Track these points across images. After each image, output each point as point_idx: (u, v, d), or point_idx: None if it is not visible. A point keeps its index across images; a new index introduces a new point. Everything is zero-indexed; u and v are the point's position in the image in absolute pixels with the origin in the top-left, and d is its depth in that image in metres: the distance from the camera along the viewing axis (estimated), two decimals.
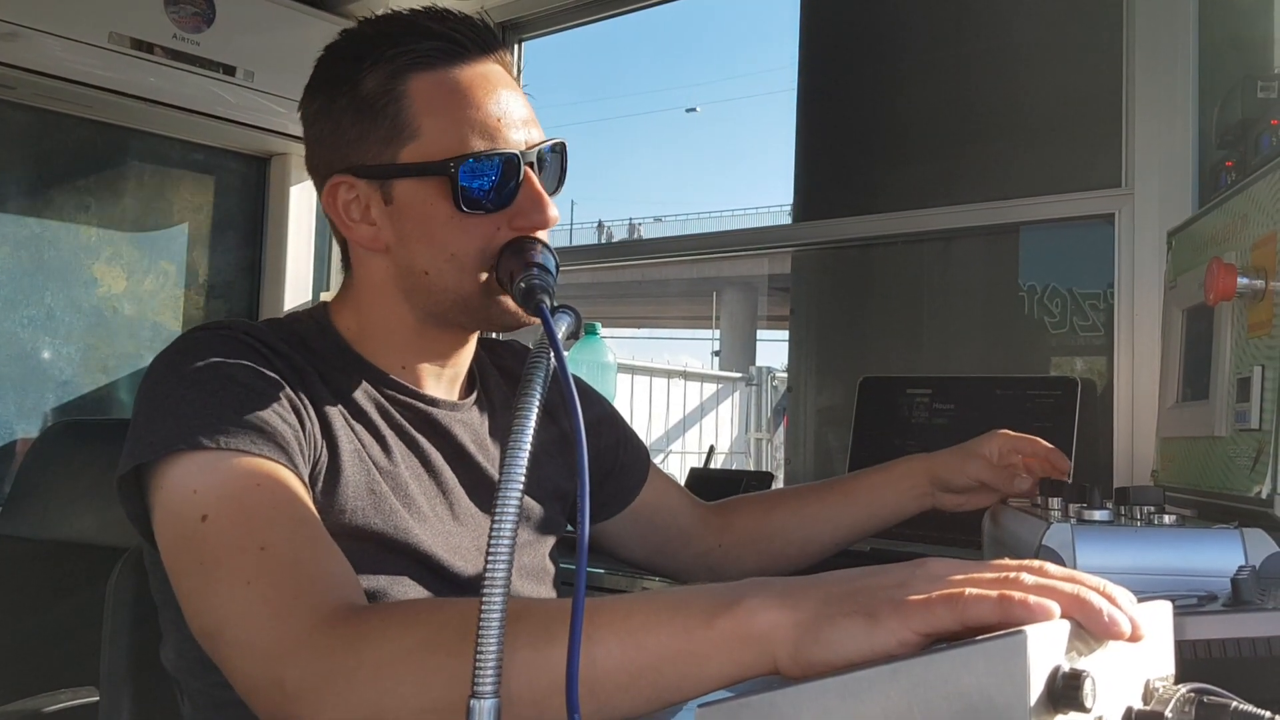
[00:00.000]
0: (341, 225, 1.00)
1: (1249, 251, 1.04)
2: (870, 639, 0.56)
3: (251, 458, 0.84)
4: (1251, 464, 0.97)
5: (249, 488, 0.83)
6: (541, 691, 0.64)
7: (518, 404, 0.62)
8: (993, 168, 1.93)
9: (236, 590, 0.78)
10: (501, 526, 0.57)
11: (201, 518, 0.81)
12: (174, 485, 0.83)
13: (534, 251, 0.93)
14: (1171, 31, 1.59)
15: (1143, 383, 1.57)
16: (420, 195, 0.95)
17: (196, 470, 0.83)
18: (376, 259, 1.00)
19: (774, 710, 0.43)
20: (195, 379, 0.88)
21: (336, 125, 0.97)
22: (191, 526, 0.81)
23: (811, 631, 0.58)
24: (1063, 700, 0.45)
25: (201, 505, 0.82)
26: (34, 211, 2.19)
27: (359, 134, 0.96)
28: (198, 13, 2.08)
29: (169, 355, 0.92)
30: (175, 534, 0.83)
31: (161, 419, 0.86)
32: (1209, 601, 0.75)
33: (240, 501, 0.82)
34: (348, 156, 0.97)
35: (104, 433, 1.98)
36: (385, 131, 0.95)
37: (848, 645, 0.57)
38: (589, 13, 2.33)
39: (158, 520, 0.85)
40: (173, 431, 0.84)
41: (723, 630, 0.62)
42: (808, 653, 0.58)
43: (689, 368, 11.95)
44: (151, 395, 0.89)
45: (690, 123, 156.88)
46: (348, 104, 0.96)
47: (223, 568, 0.79)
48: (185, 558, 0.82)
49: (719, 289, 17.82)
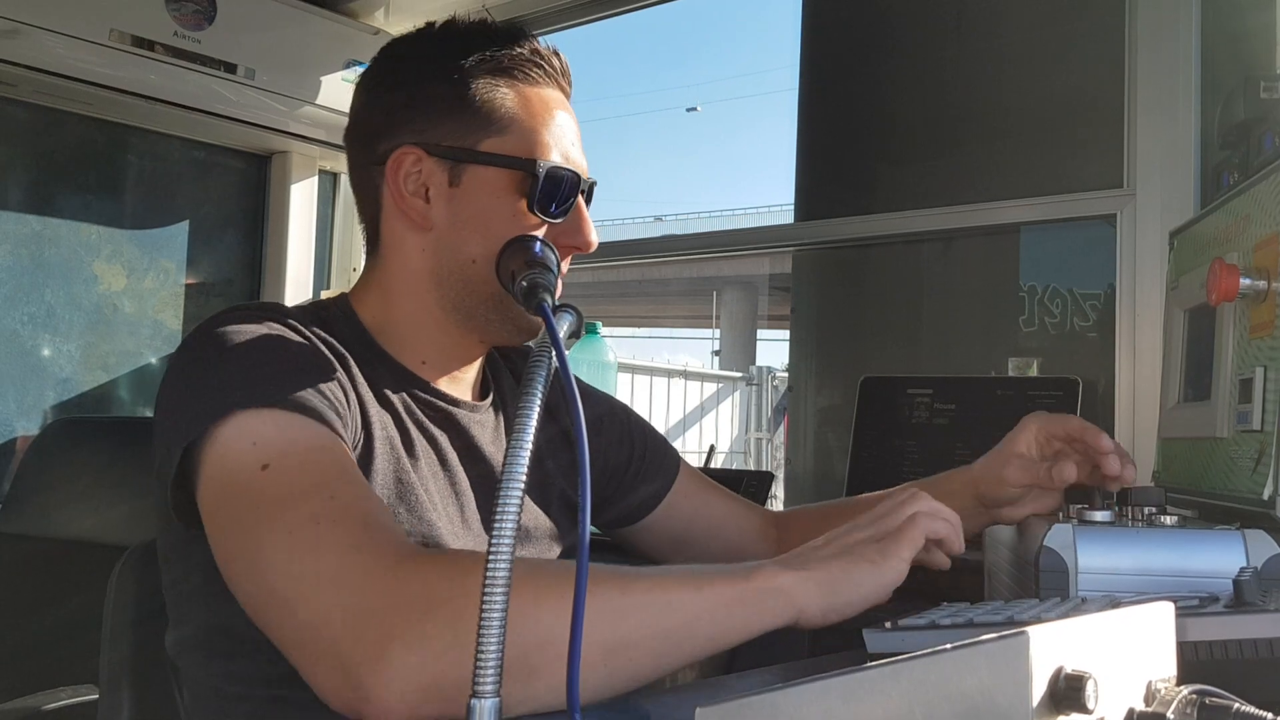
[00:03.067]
0: (396, 195, 1.00)
1: (1251, 252, 1.04)
2: (878, 579, 0.79)
3: (311, 420, 0.83)
4: (1253, 465, 0.97)
5: (311, 447, 0.82)
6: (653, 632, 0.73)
7: (519, 403, 0.62)
8: (994, 168, 1.92)
9: (304, 529, 0.75)
10: (502, 526, 0.57)
11: (262, 466, 0.79)
12: (231, 440, 0.81)
13: (536, 250, 0.93)
14: (1173, 31, 1.59)
15: (1144, 383, 1.57)
16: (491, 186, 0.98)
17: (257, 424, 0.81)
18: (415, 240, 1.01)
19: (774, 710, 0.43)
20: (247, 346, 0.87)
21: (421, 98, 1.00)
22: (250, 475, 0.79)
23: (828, 584, 0.77)
24: (1065, 701, 0.45)
25: (262, 456, 0.80)
26: (34, 209, 2.19)
27: (443, 112, 0.99)
28: (199, 10, 2.08)
29: (208, 331, 0.90)
30: (229, 486, 0.80)
31: (209, 388, 0.84)
32: (1210, 603, 0.75)
33: (303, 456, 0.81)
34: (424, 131, 0.99)
35: (104, 431, 1.98)
36: (472, 119, 0.98)
37: (862, 589, 0.78)
38: (589, 12, 2.33)
39: (206, 483, 0.82)
40: (226, 396, 0.82)
41: (752, 586, 0.75)
42: (828, 601, 0.77)
43: (689, 367, 11.95)
44: (191, 369, 0.88)
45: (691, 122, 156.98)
46: (441, 83, 0.99)
47: (288, 510, 0.77)
48: (239, 505, 0.79)
49: (719, 288, 17.81)
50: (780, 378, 9.68)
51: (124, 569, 1.08)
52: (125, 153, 2.33)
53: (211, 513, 0.82)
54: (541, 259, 0.92)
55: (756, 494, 1.91)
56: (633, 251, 2.98)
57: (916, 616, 0.81)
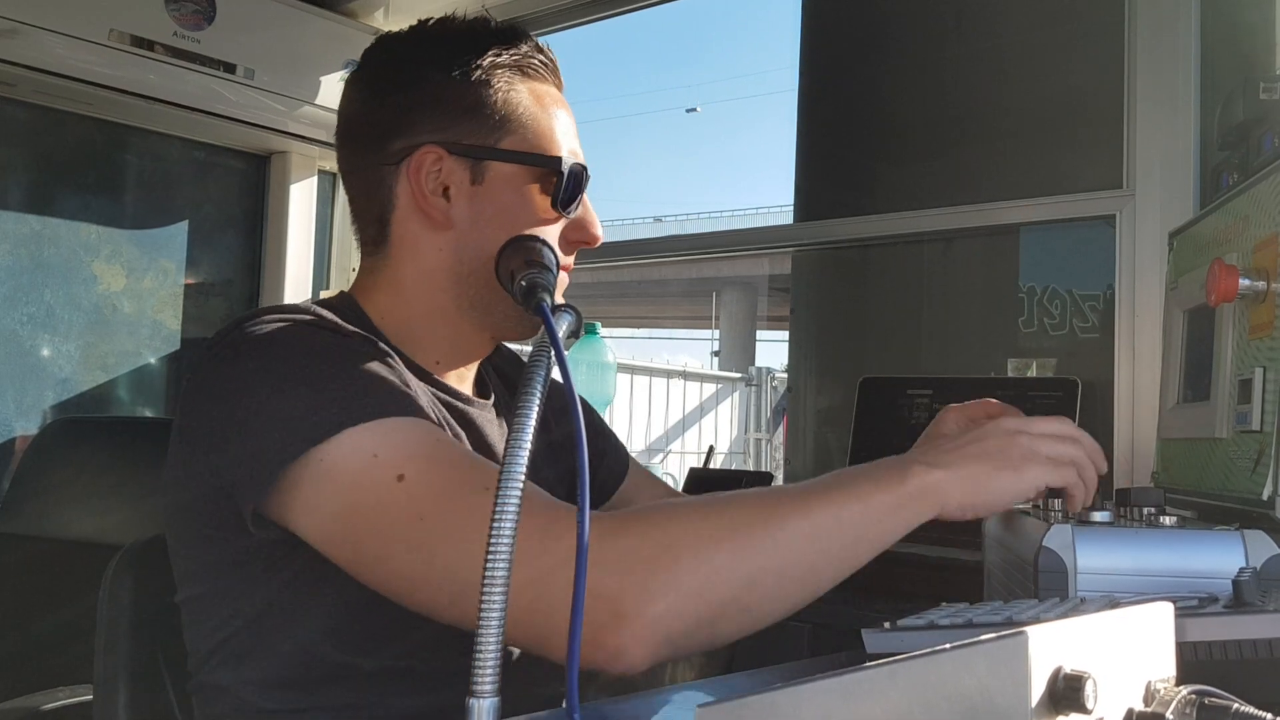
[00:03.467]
0: (417, 195, 0.99)
1: (1251, 253, 1.04)
2: (1018, 485, 0.83)
3: (416, 419, 0.83)
4: (1252, 465, 0.97)
5: (432, 445, 0.82)
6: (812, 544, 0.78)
7: (519, 401, 0.61)
8: (993, 168, 1.93)
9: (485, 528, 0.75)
10: (501, 525, 0.57)
11: (397, 478, 0.79)
12: (345, 459, 0.80)
13: (535, 250, 0.93)
14: (1173, 32, 1.59)
15: (1144, 384, 1.57)
16: (514, 183, 0.99)
17: (369, 438, 0.80)
18: (432, 239, 1.00)
19: (774, 710, 0.43)
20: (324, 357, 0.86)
21: (439, 97, 0.99)
22: (386, 489, 0.79)
23: (971, 481, 0.82)
24: (1064, 701, 0.45)
25: (391, 467, 0.79)
26: (34, 209, 2.19)
27: (463, 111, 0.99)
28: (198, 10, 2.08)
29: (266, 342, 0.87)
30: (361, 502, 0.80)
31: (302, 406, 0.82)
32: (1210, 603, 0.75)
33: (432, 458, 0.81)
34: (444, 130, 0.99)
35: (103, 431, 1.98)
36: (492, 117, 0.99)
37: (1005, 491, 0.83)
38: (589, 12, 2.33)
39: (317, 501, 0.81)
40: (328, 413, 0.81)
41: (912, 487, 0.80)
42: (972, 499, 0.82)
43: (689, 368, 11.94)
44: (265, 387, 0.84)
45: (691, 123, 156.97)
46: (457, 81, 0.99)
47: (450, 514, 0.77)
48: (386, 520, 0.79)
49: (719, 289, 17.80)
50: (780, 378, 9.68)
51: (119, 568, 1.06)
52: (124, 153, 2.33)
53: (341, 530, 0.82)
54: (541, 258, 0.92)
55: None
56: (632, 252, 2.97)
57: (915, 617, 0.81)
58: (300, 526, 0.83)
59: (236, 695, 0.92)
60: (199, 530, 0.91)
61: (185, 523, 0.93)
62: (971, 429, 0.97)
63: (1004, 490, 0.83)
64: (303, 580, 0.88)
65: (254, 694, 0.91)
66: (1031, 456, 0.84)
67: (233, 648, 0.91)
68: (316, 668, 0.90)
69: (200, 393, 0.90)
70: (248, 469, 0.83)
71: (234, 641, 0.91)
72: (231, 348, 0.89)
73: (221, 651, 0.92)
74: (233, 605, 0.91)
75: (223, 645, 0.92)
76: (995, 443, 0.85)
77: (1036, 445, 0.85)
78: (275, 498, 0.83)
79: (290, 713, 0.90)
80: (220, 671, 0.92)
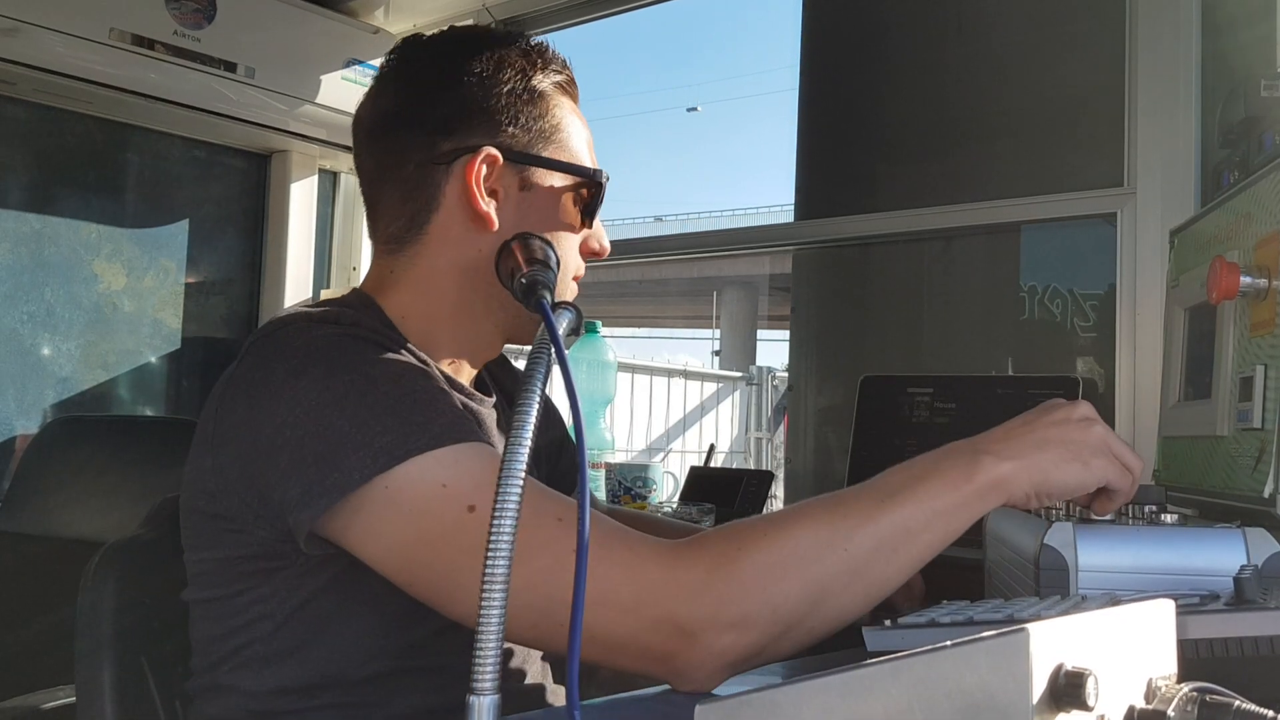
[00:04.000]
0: (470, 194, 0.99)
1: (1252, 250, 1.04)
2: (1084, 476, 0.84)
3: (479, 444, 0.84)
4: (1254, 463, 0.97)
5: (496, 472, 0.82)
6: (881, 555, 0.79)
7: (519, 399, 0.61)
8: (994, 166, 1.92)
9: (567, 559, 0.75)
10: (502, 523, 0.57)
11: (469, 509, 0.79)
12: (414, 485, 0.80)
13: (535, 248, 0.93)
14: (1174, 30, 1.58)
15: (1145, 382, 1.57)
16: (556, 192, 1.03)
17: (437, 466, 0.80)
18: (474, 238, 1.00)
19: (775, 708, 0.43)
20: (382, 378, 0.85)
21: (496, 103, 1.01)
22: (457, 520, 0.79)
23: (1040, 472, 0.82)
24: (1065, 698, 0.45)
25: (461, 497, 0.79)
26: (34, 208, 2.19)
27: (518, 118, 1.02)
28: (199, 9, 2.08)
29: (313, 362, 0.86)
30: (433, 532, 0.80)
31: (362, 430, 0.81)
32: (1211, 601, 0.75)
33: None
34: (502, 134, 1.01)
35: (104, 429, 1.98)
36: (538, 127, 1.03)
37: (1070, 482, 0.83)
38: (590, 11, 2.33)
39: (381, 528, 0.81)
40: (391, 439, 0.81)
41: (980, 483, 0.81)
42: (1039, 488, 0.83)
43: (689, 367, 11.94)
44: (325, 407, 0.83)
45: (691, 122, 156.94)
46: (517, 88, 1.02)
47: (539, 548, 0.77)
48: (457, 549, 0.79)
49: (719, 288, 17.80)
50: (780, 377, 9.68)
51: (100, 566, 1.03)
52: (125, 151, 2.33)
53: (409, 557, 0.82)
54: (541, 256, 0.92)
55: (757, 493, 1.91)
56: (633, 251, 2.97)
57: (916, 614, 0.81)
58: (361, 550, 0.83)
59: (247, 696, 0.91)
60: (224, 535, 0.90)
61: (207, 526, 0.92)
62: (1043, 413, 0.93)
63: (1070, 480, 0.84)
64: (337, 589, 0.88)
65: (265, 696, 0.90)
66: (1102, 450, 0.85)
67: (256, 651, 0.91)
68: (342, 673, 0.90)
69: (242, 399, 0.88)
70: (303, 488, 0.82)
71: (257, 646, 0.90)
72: (279, 356, 0.87)
73: (241, 654, 0.91)
74: (258, 610, 0.90)
75: (243, 649, 0.91)
76: (1069, 430, 0.85)
77: (1109, 438, 0.86)
78: (334, 520, 0.82)
79: (293, 713, 0.90)
80: (237, 674, 0.92)
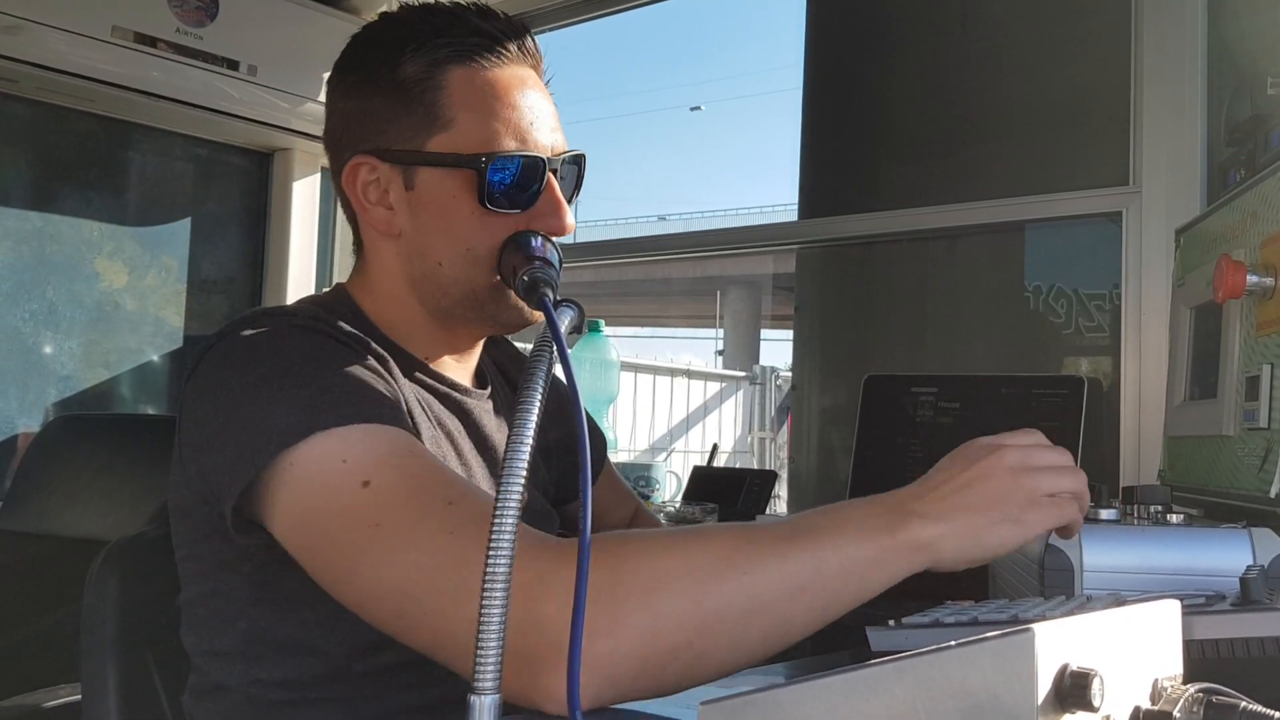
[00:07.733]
0: (358, 206, 0.98)
1: (1258, 249, 1.04)
2: (1019, 535, 0.76)
3: (389, 426, 0.82)
4: (1260, 463, 0.96)
5: (403, 453, 0.80)
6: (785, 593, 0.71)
7: (520, 397, 0.61)
8: (998, 165, 1.92)
9: (437, 540, 0.73)
10: (503, 521, 0.56)
11: (363, 484, 0.77)
12: (315, 461, 0.79)
13: (537, 246, 0.93)
14: (1180, 28, 1.58)
15: (1150, 381, 1.56)
16: (444, 186, 0.95)
17: (339, 444, 0.79)
18: (388, 244, 1.00)
19: (777, 707, 0.43)
20: (305, 359, 0.85)
21: (367, 105, 0.97)
22: (351, 495, 0.77)
23: (970, 536, 0.74)
24: (1070, 699, 0.45)
25: (358, 473, 0.78)
26: (36, 206, 2.19)
27: (389, 117, 0.96)
28: (201, 7, 2.07)
29: (251, 346, 0.87)
30: (327, 507, 0.78)
31: (279, 408, 0.81)
32: (1217, 601, 0.74)
33: (401, 468, 0.79)
34: (374, 138, 0.96)
35: (105, 428, 1.98)
36: (417, 119, 0.95)
37: (1007, 544, 0.75)
38: (592, 9, 2.33)
39: (290, 504, 0.80)
40: (301, 416, 0.80)
41: (903, 540, 0.73)
42: (969, 554, 0.75)
43: (693, 366, 11.94)
44: (247, 388, 0.84)
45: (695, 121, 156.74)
46: (382, 86, 0.96)
47: (410, 525, 0.75)
48: (346, 525, 0.77)
49: (723, 288, 17.79)
50: (784, 377, 9.68)
51: (104, 565, 1.04)
52: (127, 149, 2.33)
53: (305, 534, 0.80)
54: (541, 254, 0.92)
55: (760, 493, 1.90)
56: (636, 250, 2.97)
57: (920, 615, 0.81)
58: (275, 529, 0.82)
59: (243, 692, 0.91)
60: (199, 532, 0.91)
61: (185, 524, 0.93)
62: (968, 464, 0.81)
63: (1004, 542, 0.75)
64: (309, 582, 0.87)
65: (260, 690, 0.90)
66: (1034, 502, 0.76)
67: (239, 648, 0.91)
68: (327, 665, 0.90)
69: (191, 396, 0.90)
70: (226, 473, 0.82)
71: (239, 641, 0.91)
72: (222, 351, 0.89)
73: (228, 652, 0.92)
74: (236, 607, 0.91)
75: (228, 645, 0.92)
76: (996, 485, 0.76)
77: (1039, 483, 0.77)
78: (252, 502, 0.82)
79: (288, 704, 0.90)
80: (231, 668, 0.92)
